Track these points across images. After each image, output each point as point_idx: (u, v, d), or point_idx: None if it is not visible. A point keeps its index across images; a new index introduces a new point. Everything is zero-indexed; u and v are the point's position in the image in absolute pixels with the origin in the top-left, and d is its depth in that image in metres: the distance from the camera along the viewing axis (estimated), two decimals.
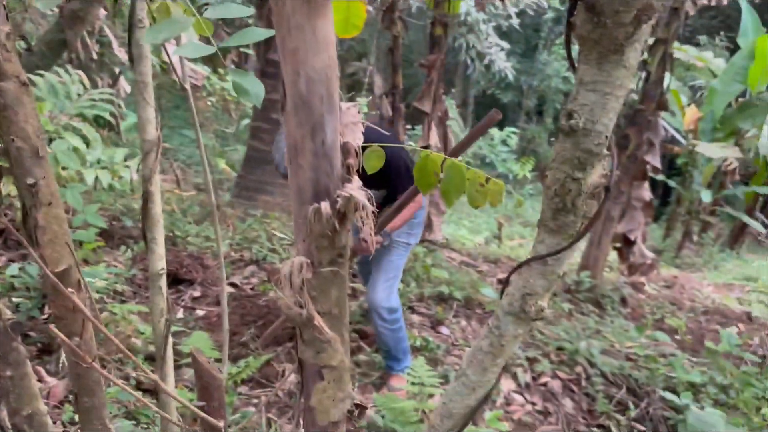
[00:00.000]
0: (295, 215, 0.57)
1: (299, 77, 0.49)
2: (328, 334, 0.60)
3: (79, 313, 0.97)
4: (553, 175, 1.17)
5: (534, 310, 1.26)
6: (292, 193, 0.56)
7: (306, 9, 0.46)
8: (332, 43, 0.49)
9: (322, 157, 0.53)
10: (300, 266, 0.57)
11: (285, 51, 0.49)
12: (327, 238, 0.56)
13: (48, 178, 0.86)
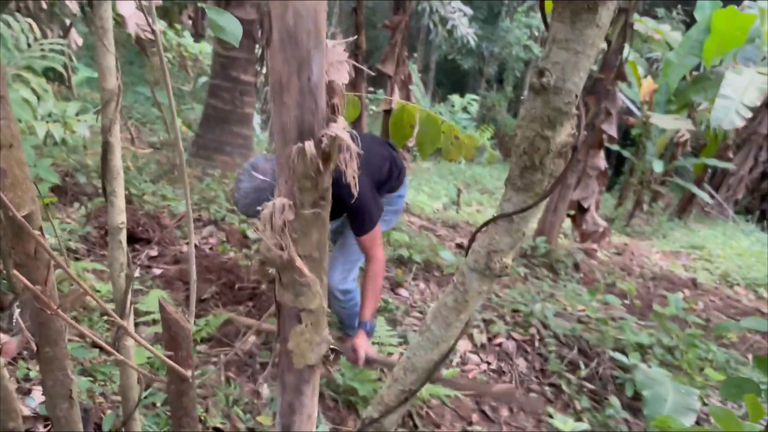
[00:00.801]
0: (277, 155, 0.56)
1: (287, 11, 0.48)
2: (309, 277, 0.60)
3: (42, 260, 0.95)
4: (522, 133, 1.18)
5: (499, 267, 1.29)
6: (276, 132, 0.55)
7: None
8: None
9: (308, 94, 0.52)
10: (282, 207, 0.57)
11: None
12: (310, 179, 0.56)
13: (9, 120, 0.82)
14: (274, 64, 0.52)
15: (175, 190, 4.50)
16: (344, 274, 2.90)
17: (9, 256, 2.24)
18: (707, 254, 7.49)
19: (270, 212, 0.59)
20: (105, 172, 1.55)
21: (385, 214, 2.92)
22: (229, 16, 0.65)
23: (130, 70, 8.31)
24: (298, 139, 0.54)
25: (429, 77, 16.72)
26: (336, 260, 2.89)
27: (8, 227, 0.89)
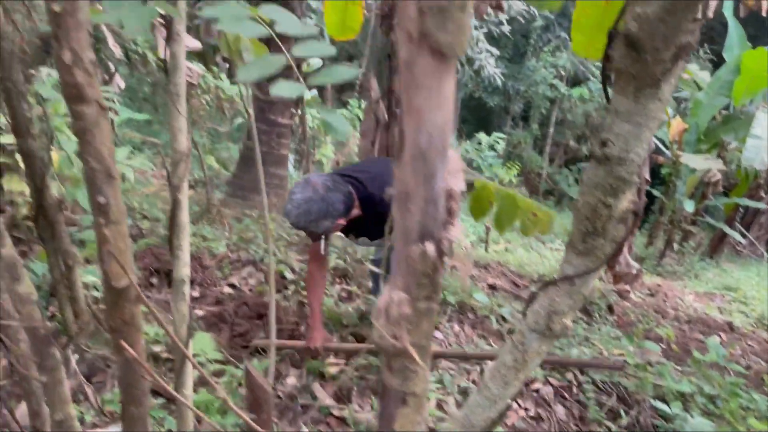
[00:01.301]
0: (397, 254, 0.61)
1: (420, 133, 0.53)
2: (419, 364, 0.64)
3: (135, 326, 1.00)
4: (584, 199, 1.22)
5: (559, 328, 1.32)
6: (397, 233, 0.60)
7: (436, 71, 0.50)
8: (452, 100, 0.53)
9: (431, 203, 0.57)
10: (399, 301, 0.61)
11: (410, 108, 0.52)
12: (427, 276, 0.60)
13: (117, 198, 0.88)
14: (402, 175, 0.57)
15: (215, 230, 4.60)
16: None
17: (66, 301, 2.31)
18: (742, 296, 7.35)
19: (386, 304, 0.63)
20: (173, 227, 1.61)
21: None
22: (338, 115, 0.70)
23: (166, 109, 8.54)
24: (419, 241, 0.59)
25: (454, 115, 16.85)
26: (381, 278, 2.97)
27: (108, 295, 0.95)
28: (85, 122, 0.82)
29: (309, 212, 2.55)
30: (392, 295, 0.62)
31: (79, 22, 0.76)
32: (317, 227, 2.60)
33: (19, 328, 1.41)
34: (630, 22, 1.06)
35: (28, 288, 1.19)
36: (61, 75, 0.79)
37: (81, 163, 2.35)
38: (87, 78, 0.80)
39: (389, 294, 0.63)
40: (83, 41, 0.78)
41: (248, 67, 0.69)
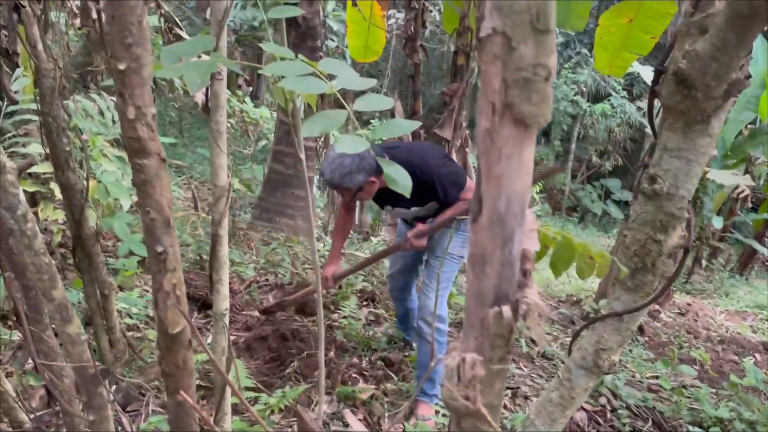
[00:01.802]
0: (471, 314, 0.60)
1: (500, 198, 0.52)
2: (492, 425, 0.63)
3: (188, 370, 1.00)
4: (633, 236, 1.20)
5: (607, 365, 1.30)
6: (471, 294, 0.59)
7: (518, 140, 0.50)
8: (532, 167, 0.53)
9: (507, 265, 0.56)
10: (472, 363, 0.60)
11: (489, 174, 0.52)
12: (502, 338, 0.59)
13: (174, 247, 0.89)
14: (478, 239, 0.56)
15: (242, 254, 4.62)
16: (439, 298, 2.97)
17: (102, 330, 2.33)
18: None
19: (457, 365, 0.62)
20: (213, 262, 1.63)
21: (464, 242, 3.01)
22: (398, 168, 0.70)
23: (196, 134, 8.69)
24: (494, 304, 0.58)
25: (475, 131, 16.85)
26: (428, 288, 2.99)
27: (162, 340, 0.95)
28: (146, 174, 0.83)
29: (342, 165, 2.63)
30: (466, 357, 0.62)
31: (143, 79, 0.77)
32: (351, 181, 2.65)
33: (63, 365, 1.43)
34: (679, 60, 1.06)
35: (78, 329, 1.20)
36: (123, 130, 0.80)
37: (116, 193, 2.39)
38: (149, 132, 0.81)
39: (461, 355, 0.63)
40: (146, 98, 0.79)
41: (312, 123, 0.69)
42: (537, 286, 0.62)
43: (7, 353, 2.70)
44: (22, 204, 1.06)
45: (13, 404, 1.77)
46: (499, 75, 0.48)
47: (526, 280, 0.59)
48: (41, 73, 1.99)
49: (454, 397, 0.62)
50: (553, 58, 0.48)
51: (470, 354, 0.61)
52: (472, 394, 0.60)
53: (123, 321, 2.97)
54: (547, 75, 0.47)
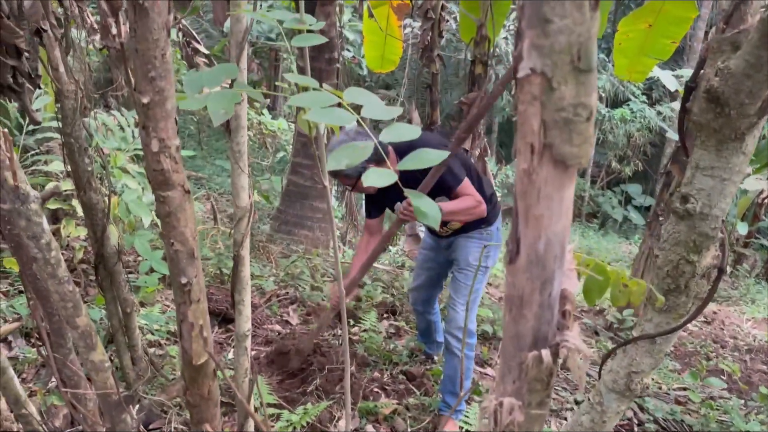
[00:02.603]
0: (508, 358, 0.58)
1: (539, 240, 0.50)
2: None
3: (213, 400, 0.99)
4: (666, 256, 1.17)
5: (639, 388, 1.26)
6: (508, 337, 0.57)
7: (558, 181, 0.48)
8: (571, 208, 0.51)
9: (546, 308, 0.54)
10: (510, 408, 0.58)
11: (528, 215, 0.50)
12: (541, 382, 0.57)
13: (199, 277, 0.88)
14: (516, 280, 0.54)
15: (261, 267, 4.63)
16: (463, 313, 2.92)
17: (124, 348, 2.33)
18: None
19: (495, 409, 0.60)
20: (235, 283, 1.62)
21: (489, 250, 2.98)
22: (428, 200, 0.68)
23: (215, 146, 8.76)
24: (532, 347, 0.56)
25: (492, 138, 16.81)
26: (455, 302, 2.95)
27: (187, 371, 0.94)
28: (169, 206, 0.82)
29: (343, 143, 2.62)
30: (504, 402, 0.59)
31: (166, 112, 0.77)
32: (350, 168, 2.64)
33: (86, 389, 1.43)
34: (711, 77, 1.03)
35: (102, 356, 1.19)
36: (147, 162, 0.79)
37: (137, 210, 2.40)
38: (173, 164, 0.80)
39: (498, 398, 0.61)
40: (170, 130, 0.78)
41: (339, 155, 0.68)
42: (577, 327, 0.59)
43: (31, 371, 2.72)
44: (46, 232, 1.06)
45: (38, 427, 1.77)
46: (538, 116, 0.46)
47: (566, 322, 0.57)
48: (63, 95, 2.01)
49: None
50: (595, 97, 0.46)
51: (508, 398, 0.59)
52: None
53: (145, 337, 2.98)
54: (588, 115, 0.45)
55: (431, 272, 3.37)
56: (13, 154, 1.02)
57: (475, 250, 2.98)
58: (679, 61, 12.52)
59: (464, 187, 2.73)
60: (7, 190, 1.03)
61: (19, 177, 1.02)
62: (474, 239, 3.00)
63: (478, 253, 2.97)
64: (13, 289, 3.05)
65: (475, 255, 2.97)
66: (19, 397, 1.76)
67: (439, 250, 3.25)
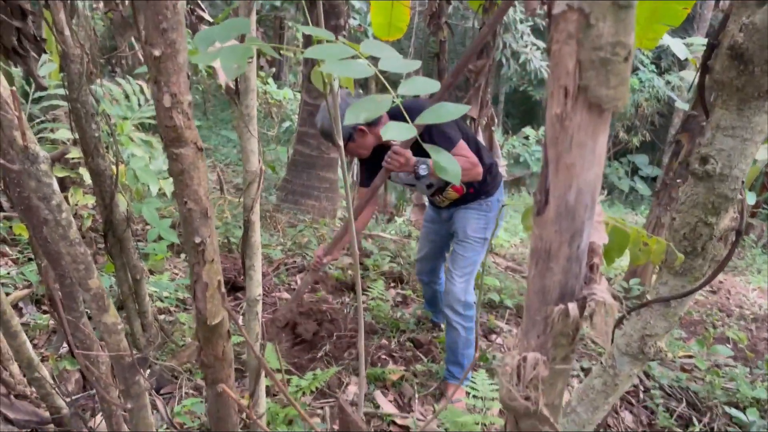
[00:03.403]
0: (533, 312, 0.57)
1: (570, 190, 0.49)
2: (553, 426, 0.60)
3: (227, 361, 0.99)
4: (683, 219, 1.15)
5: (653, 351, 1.25)
6: (534, 291, 0.56)
7: (593, 126, 0.46)
8: (605, 155, 0.49)
9: (575, 260, 0.53)
10: (534, 363, 0.57)
11: (560, 164, 0.48)
12: (567, 336, 0.56)
13: (212, 237, 0.87)
14: (543, 233, 0.53)
15: (269, 236, 4.63)
16: (462, 285, 2.92)
17: (135, 315, 2.34)
18: None
19: (517, 364, 0.59)
20: (245, 248, 1.61)
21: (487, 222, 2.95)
22: (449, 156, 0.67)
23: (221, 117, 8.71)
24: (559, 301, 0.55)
25: (498, 109, 16.66)
26: (452, 274, 2.94)
27: (201, 332, 0.94)
28: (182, 164, 0.80)
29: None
30: (528, 356, 0.58)
31: (178, 66, 0.75)
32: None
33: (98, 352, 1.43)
34: (735, 33, 0.99)
35: (115, 318, 1.19)
36: (159, 118, 0.78)
37: (144, 178, 2.39)
38: (185, 120, 0.78)
39: (521, 354, 0.60)
40: (182, 85, 0.76)
41: (356, 109, 0.66)
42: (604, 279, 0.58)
43: (42, 337, 2.74)
44: (57, 194, 1.05)
45: (51, 390, 1.79)
46: (573, 55, 0.44)
47: (594, 275, 0.56)
48: (69, 59, 1.98)
49: (514, 398, 0.59)
50: (633, 36, 0.43)
51: (531, 353, 0.58)
52: (534, 395, 0.57)
53: (154, 304, 2.99)
54: (626, 55, 0.43)
55: (434, 244, 3.37)
56: (22, 114, 1.01)
57: (473, 222, 2.96)
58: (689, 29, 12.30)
59: (459, 148, 2.66)
60: (16, 150, 1.02)
61: (28, 137, 1.01)
62: (472, 210, 2.97)
63: (476, 225, 2.95)
64: (22, 257, 3.05)
65: (474, 226, 2.95)
66: (32, 361, 1.78)
67: (441, 222, 3.23)
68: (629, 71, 0.44)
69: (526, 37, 10.61)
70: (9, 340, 1.69)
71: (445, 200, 3.01)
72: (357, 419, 0.98)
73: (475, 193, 2.93)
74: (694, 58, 5.34)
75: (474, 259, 2.98)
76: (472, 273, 2.98)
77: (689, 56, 5.80)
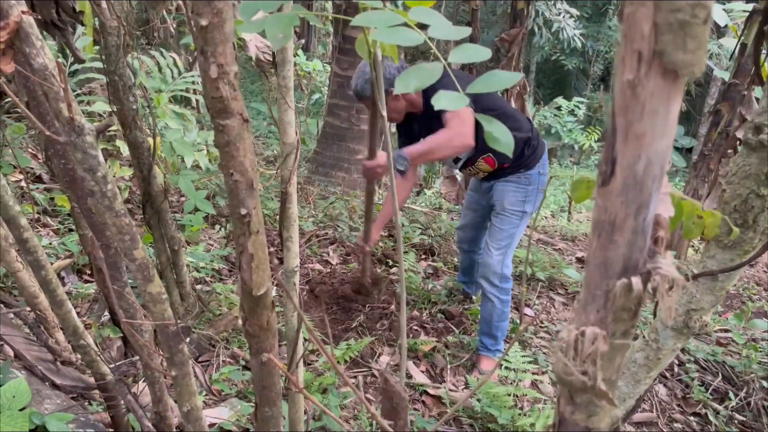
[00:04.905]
0: (593, 285, 0.56)
1: (639, 160, 0.47)
2: (611, 401, 0.59)
3: (272, 331, 1.00)
4: (734, 190, 1.12)
5: (698, 326, 1.23)
6: (594, 264, 0.54)
7: (666, 93, 0.44)
8: (676, 124, 0.47)
9: (640, 233, 0.52)
10: (593, 337, 0.56)
11: (628, 132, 0.47)
12: (629, 311, 0.54)
13: (257, 209, 0.87)
14: (608, 204, 0.51)
15: (300, 208, 4.66)
16: (499, 257, 2.90)
17: (173, 285, 2.38)
18: None
19: (575, 338, 0.58)
20: (282, 220, 1.62)
21: (527, 195, 2.91)
22: (501, 126, 0.65)
23: (251, 89, 8.72)
24: (621, 274, 0.54)
25: (529, 79, 16.35)
26: (489, 245, 2.93)
27: (246, 302, 0.94)
28: (228, 135, 0.80)
29: (364, 72, 2.61)
30: (587, 330, 0.57)
31: (225, 36, 0.74)
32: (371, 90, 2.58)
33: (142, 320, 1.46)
34: None
35: (159, 287, 1.21)
36: (205, 89, 0.77)
37: (181, 150, 2.40)
38: (232, 92, 0.78)
39: (579, 328, 0.59)
40: (229, 55, 0.76)
41: (406, 78, 0.64)
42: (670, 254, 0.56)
43: (84, 306, 2.81)
44: (102, 165, 1.06)
45: (95, 357, 1.84)
46: (649, 18, 0.42)
47: (658, 249, 0.54)
48: (106, 31, 1.99)
49: (570, 372, 0.58)
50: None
51: (591, 327, 0.56)
52: (592, 370, 0.56)
53: (191, 275, 3.05)
54: (706, 16, 0.41)
55: (476, 213, 3.35)
56: (68, 86, 1.01)
57: (511, 195, 2.91)
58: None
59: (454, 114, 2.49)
60: (62, 122, 1.03)
61: (74, 109, 1.02)
62: (511, 183, 2.92)
63: (514, 198, 2.91)
64: (63, 227, 3.13)
65: (511, 200, 2.91)
66: (77, 328, 1.83)
67: (482, 192, 3.20)
68: (707, 34, 0.42)
69: (559, 5, 10.34)
70: (55, 308, 1.74)
71: (479, 171, 2.98)
72: (400, 389, 0.98)
73: (512, 168, 2.89)
74: (734, 25, 5.14)
75: (511, 232, 2.95)
76: (509, 246, 2.95)
77: (729, 23, 5.60)
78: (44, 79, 1.01)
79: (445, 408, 2.78)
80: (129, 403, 1.81)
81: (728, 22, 5.80)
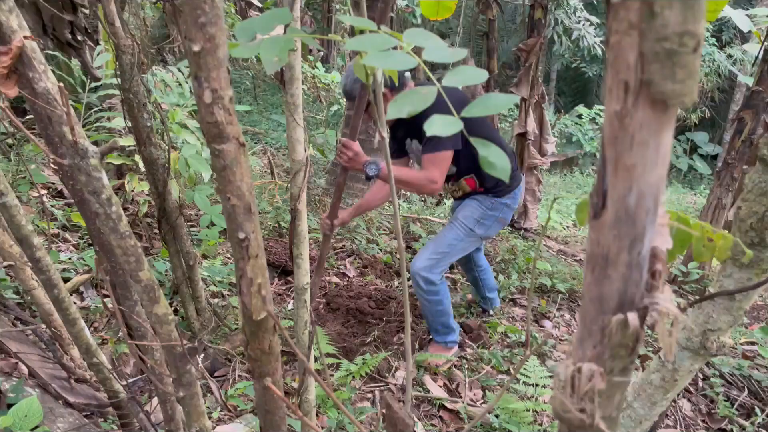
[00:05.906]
0: (589, 321, 0.53)
1: (630, 192, 0.45)
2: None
3: (273, 354, 0.99)
4: (749, 207, 1.08)
5: (716, 347, 1.19)
6: (590, 299, 0.52)
7: (656, 124, 0.42)
8: (669, 155, 0.45)
9: (635, 267, 0.49)
10: (590, 374, 0.53)
11: (618, 165, 0.45)
12: (626, 348, 0.52)
13: (256, 232, 0.86)
14: (600, 238, 0.49)
15: (317, 220, 4.66)
16: (430, 263, 2.88)
17: (189, 300, 2.38)
18: None
19: (571, 375, 0.56)
20: (293, 237, 1.61)
21: (486, 219, 2.91)
22: (497, 149, 0.63)
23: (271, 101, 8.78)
24: (617, 310, 0.51)
25: (550, 87, 16.26)
26: (425, 248, 2.93)
27: (247, 326, 0.93)
28: (225, 160, 0.79)
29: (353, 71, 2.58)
30: (583, 368, 0.55)
31: (218, 61, 0.73)
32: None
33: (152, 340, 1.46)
34: None
35: (165, 309, 1.21)
36: (201, 114, 0.77)
37: (196, 165, 2.42)
38: (227, 116, 0.77)
39: (576, 364, 0.56)
40: (223, 80, 0.75)
41: (400, 103, 0.63)
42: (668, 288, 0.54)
43: (102, 321, 2.83)
44: (106, 188, 1.06)
45: (108, 375, 1.84)
46: (635, 47, 0.40)
47: (656, 283, 0.52)
48: (120, 50, 2.01)
49: (567, 409, 0.56)
50: (702, 24, 0.39)
51: (587, 364, 0.54)
52: (589, 407, 0.54)
53: (208, 289, 3.06)
54: (695, 45, 0.39)
55: None
56: (70, 109, 1.02)
57: (468, 210, 2.94)
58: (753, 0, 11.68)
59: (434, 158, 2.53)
60: (66, 145, 1.03)
61: (77, 132, 1.02)
62: (476, 201, 2.96)
63: (469, 213, 2.93)
64: (83, 242, 3.16)
65: (466, 213, 2.92)
66: (90, 346, 1.83)
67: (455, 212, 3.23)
68: (698, 63, 0.39)
69: (579, 13, 10.26)
70: (68, 327, 1.75)
71: (458, 189, 2.99)
72: (404, 416, 0.96)
73: (486, 191, 2.91)
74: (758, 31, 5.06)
75: (451, 243, 2.91)
76: (444, 258, 2.89)
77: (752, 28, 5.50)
78: (47, 102, 1.01)
79: (463, 423, 2.74)
80: (141, 422, 1.81)
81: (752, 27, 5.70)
